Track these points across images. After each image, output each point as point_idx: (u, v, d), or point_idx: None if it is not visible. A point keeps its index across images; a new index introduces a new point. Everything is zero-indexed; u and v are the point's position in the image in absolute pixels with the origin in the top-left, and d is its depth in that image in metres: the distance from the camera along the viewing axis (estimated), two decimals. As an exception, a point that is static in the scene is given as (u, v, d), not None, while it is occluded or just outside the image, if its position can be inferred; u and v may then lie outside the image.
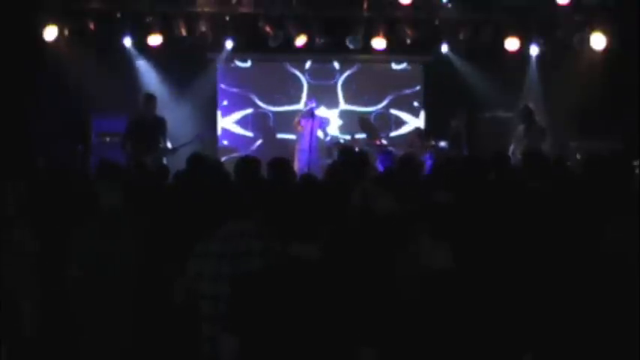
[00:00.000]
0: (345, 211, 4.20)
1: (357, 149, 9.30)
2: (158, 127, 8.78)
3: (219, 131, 11.18)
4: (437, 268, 2.76)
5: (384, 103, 11.53)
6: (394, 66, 11.58)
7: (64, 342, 4.22)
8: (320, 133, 10.07)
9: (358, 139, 10.08)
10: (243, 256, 3.45)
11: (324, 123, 10.41)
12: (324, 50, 10.75)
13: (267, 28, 10.21)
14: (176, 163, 7.31)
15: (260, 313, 2.57)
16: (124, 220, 4.09)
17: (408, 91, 11.58)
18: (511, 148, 9.03)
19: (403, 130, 11.50)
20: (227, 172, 5.77)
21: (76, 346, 4.08)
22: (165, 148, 8.83)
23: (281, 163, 5.34)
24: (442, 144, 9.72)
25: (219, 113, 11.25)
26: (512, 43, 10.50)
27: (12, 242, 4.33)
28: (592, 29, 10.26)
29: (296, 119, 10.12)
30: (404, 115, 11.60)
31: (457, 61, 11.11)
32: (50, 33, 9.62)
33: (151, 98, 8.93)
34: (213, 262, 3.52)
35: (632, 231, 3.42)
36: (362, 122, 10.56)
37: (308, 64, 11.45)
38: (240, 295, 2.65)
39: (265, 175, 5.41)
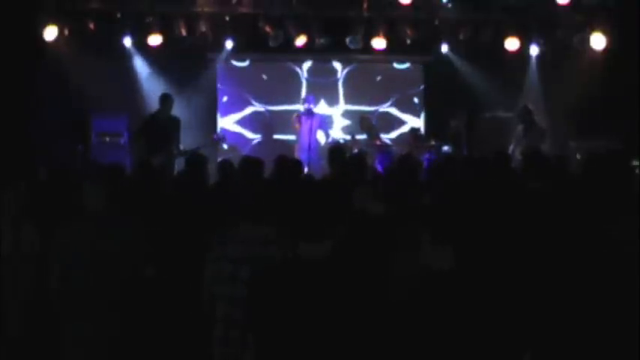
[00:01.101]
0: (350, 212, 4.20)
1: (355, 150, 9.30)
2: (172, 127, 8.76)
3: (219, 131, 11.16)
4: (437, 268, 2.77)
5: (385, 102, 11.52)
6: (396, 66, 11.57)
7: (54, 343, 4.21)
8: (320, 136, 10.05)
9: (358, 140, 10.08)
10: (260, 261, 3.43)
11: (324, 122, 10.40)
12: (324, 50, 10.75)
13: (267, 28, 10.21)
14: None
15: (267, 311, 2.58)
16: (110, 222, 4.07)
17: (409, 91, 11.58)
18: (511, 148, 9.02)
19: (403, 130, 11.49)
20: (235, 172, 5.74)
21: (62, 348, 4.07)
22: (178, 149, 8.77)
23: (289, 163, 5.34)
24: (445, 148, 9.70)
25: (218, 113, 11.24)
26: (512, 43, 10.49)
27: (13, 242, 4.33)
28: (592, 29, 10.26)
29: (293, 117, 10.12)
30: (404, 115, 11.59)
31: (457, 61, 11.11)
32: (50, 33, 9.63)
33: (167, 98, 8.92)
34: (231, 265, 3.52)
35: (632, 231, 3.42)
36: (362, 122, 10.56)
37: (308, 64, 11.45)
38: (249, 295, 2.67)
39: (270, 174, 5.40)
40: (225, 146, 10.66)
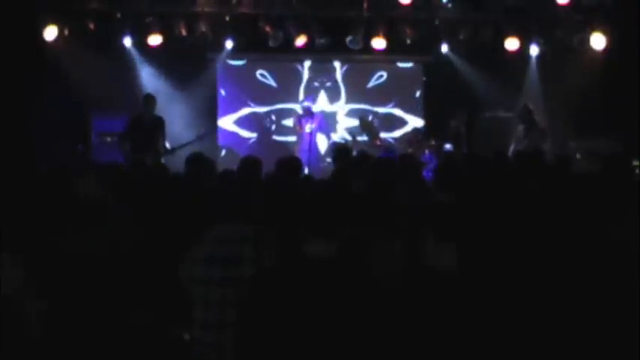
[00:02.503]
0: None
1: (355, 152, 9.29)
2: (156, 126, 8.81)
3: (218, 131, 11.16)
4: (440, 268, 2.76)
5: (386, 103, 11.51)
6: (400, 65, 11.56)
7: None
8: (321, 139, 10.03)
9: (359, 141, 10.07)
10: (234, 262, 3.40)
11: (324, 124, 10.38)
12: (324, 50, 10.75)
13: (267, 28, 10.22)
14: (176, 164, 7.28)
15: (271, 311, 2.58)
16: (111, 217, 4.07)
17: (409, 91, 11.58)
18: (511, 148, 9.02)
19: (404, 130, 11.49)
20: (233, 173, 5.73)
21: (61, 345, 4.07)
22: (164, 148, 8.84)
23: (292, 164, 5.34)
24: (447, 146, 9.70)
25: (218, 113, 11.25)
26: (512, 43, 10.50)
27: None
28: (592, 29, 10.27)
29: (294, 119, 10.09)
30: (405, 115, 11.59)
31: (457, 61, 11.11)
32: (50, 33, 9.64)
33: (150, 98, 8.97)
34: (203, 265, 3.48)
35: (633, 232, 3.42)
36: (362, 123, 10.55)
37: (308, 64, 11.44)
38: (253, 294, 2.66)
39: (270, 175, 5.39)
40: (224, 151, 10.66)
